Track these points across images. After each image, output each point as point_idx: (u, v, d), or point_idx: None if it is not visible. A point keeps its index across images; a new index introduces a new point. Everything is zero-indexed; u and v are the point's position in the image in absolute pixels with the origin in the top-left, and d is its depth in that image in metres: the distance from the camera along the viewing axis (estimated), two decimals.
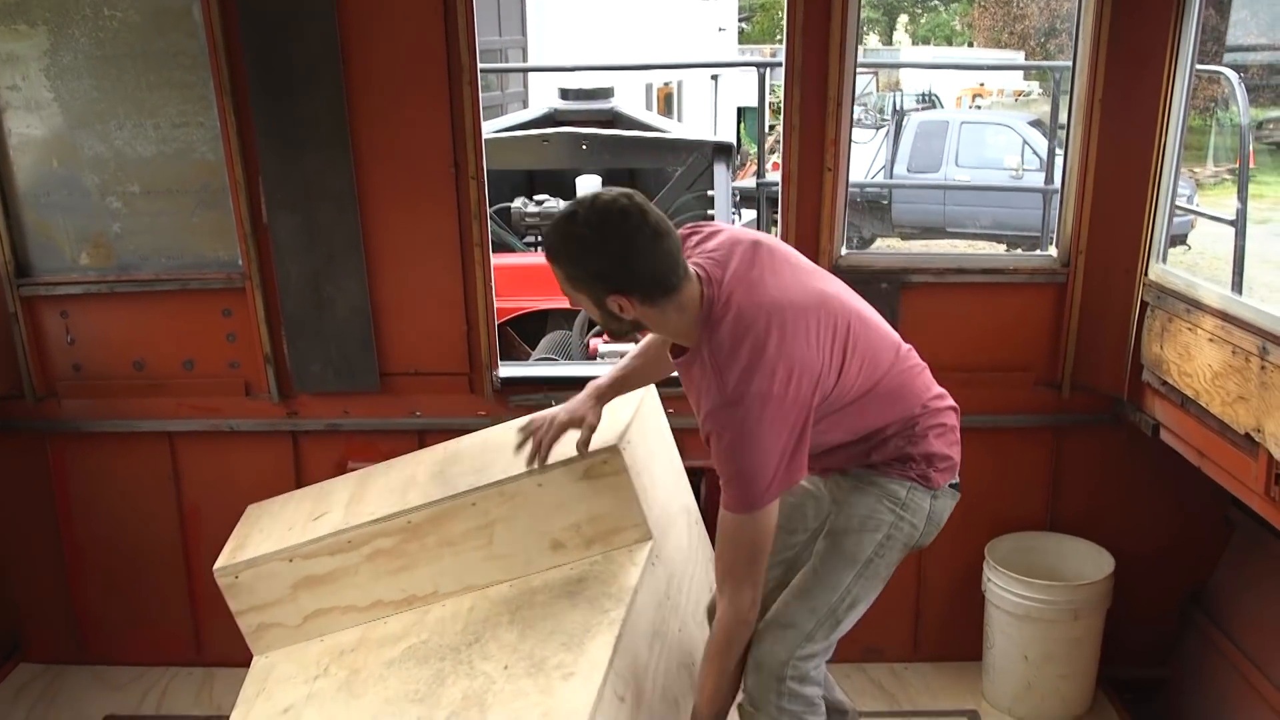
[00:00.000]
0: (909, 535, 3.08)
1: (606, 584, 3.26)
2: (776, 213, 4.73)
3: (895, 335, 3.11)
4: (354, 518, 3.51)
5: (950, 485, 3.14)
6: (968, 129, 15.67)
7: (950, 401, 3.18)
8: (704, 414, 2.78)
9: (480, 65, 3.95)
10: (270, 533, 3.67)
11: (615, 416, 3.46)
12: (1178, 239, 10.28)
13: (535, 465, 3.30)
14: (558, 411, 3.34)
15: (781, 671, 3.02)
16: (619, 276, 2.71)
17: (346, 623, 3.54)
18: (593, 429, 3.28)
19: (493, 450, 3.61)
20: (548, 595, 3.33)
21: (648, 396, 3.71)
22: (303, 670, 3.43)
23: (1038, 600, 4.07)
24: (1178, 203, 3.98)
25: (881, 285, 4.06)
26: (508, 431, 3.55)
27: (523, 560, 3.44)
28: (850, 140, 4.04)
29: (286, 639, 3.58)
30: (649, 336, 3.36)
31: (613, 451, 3.32)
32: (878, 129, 16.92)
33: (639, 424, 3.55)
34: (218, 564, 3.60)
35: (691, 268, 2.81)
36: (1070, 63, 4.07)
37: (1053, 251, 4.18)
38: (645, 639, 3.22)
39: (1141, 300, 3.99)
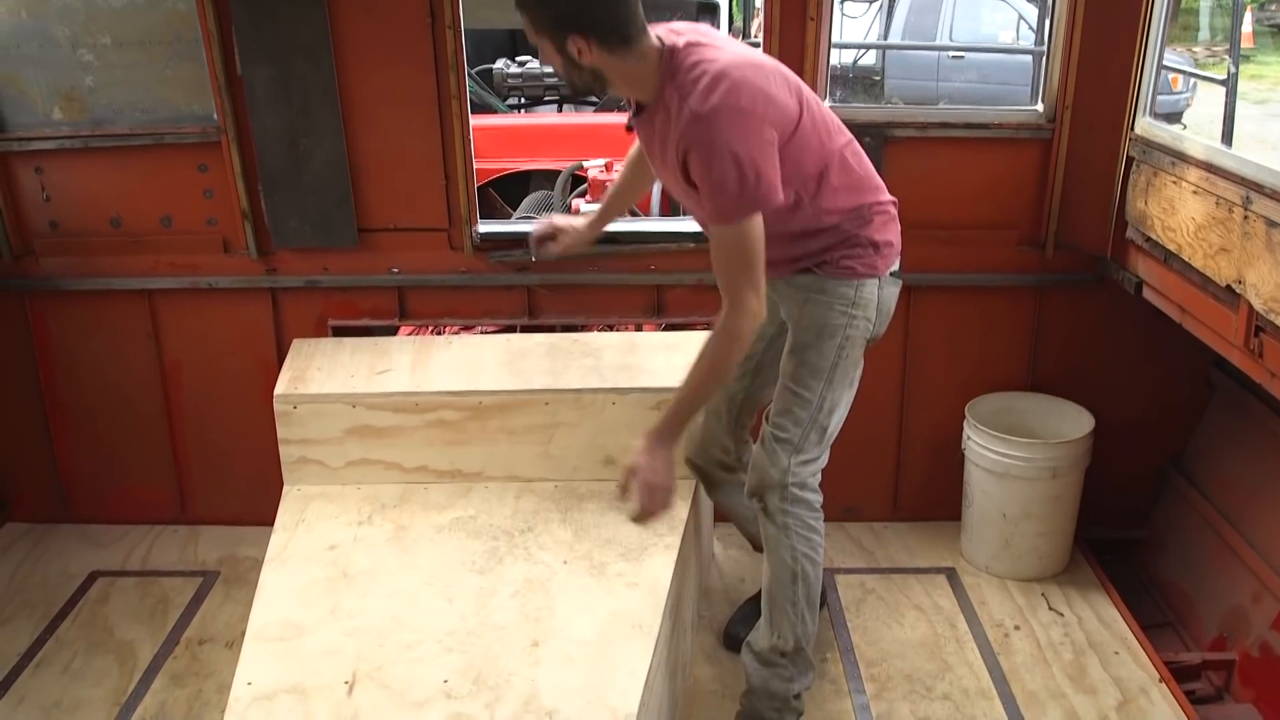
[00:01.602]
0: (864, 329, 3.24)
1: None
2: None
3: (844, 128, 3.24)
4: (423, 383, 3.73)
5: (892, 273, 3.29)
6: (962, 3, 15.38)
7: (891, 196, 3.32)
8: (674, 140, 2.91)
9: None
10: (331, 374, 3.85)
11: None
12: (1173, 117, 10.16)
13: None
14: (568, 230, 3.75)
15: (783, 479, 3.25)
16: (578, 16, 2.85)
17: (386, 478, 3.75)
18: (574, 232, 3.72)
19: (562, 355, 3.94)
20: (597, 505, 3.59)
21: None
22: (344, 512, 3.60)
23: (1017, 458, 4.09)
24: (1169, 66, 3.92)
25: (865, 139, 3.98)
26: (573, 342, 3.98)
27: (572, 466, 3.72)
28: (831, 11, 3.96)
29: (323, 478, 3.76)
30: (626, 162, 3.66)
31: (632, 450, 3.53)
32: (871, 2, 16.63)
33: None
34: (278, 390, 3.77)
35: (654, 35, 2.99)
36: None
37: (1039, 107, 4.12)
38: (683, 567, 3.43)
39: (1127, 156, 3.95)
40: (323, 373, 3.87)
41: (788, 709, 3.42)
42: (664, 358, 3.91)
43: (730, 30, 8.09)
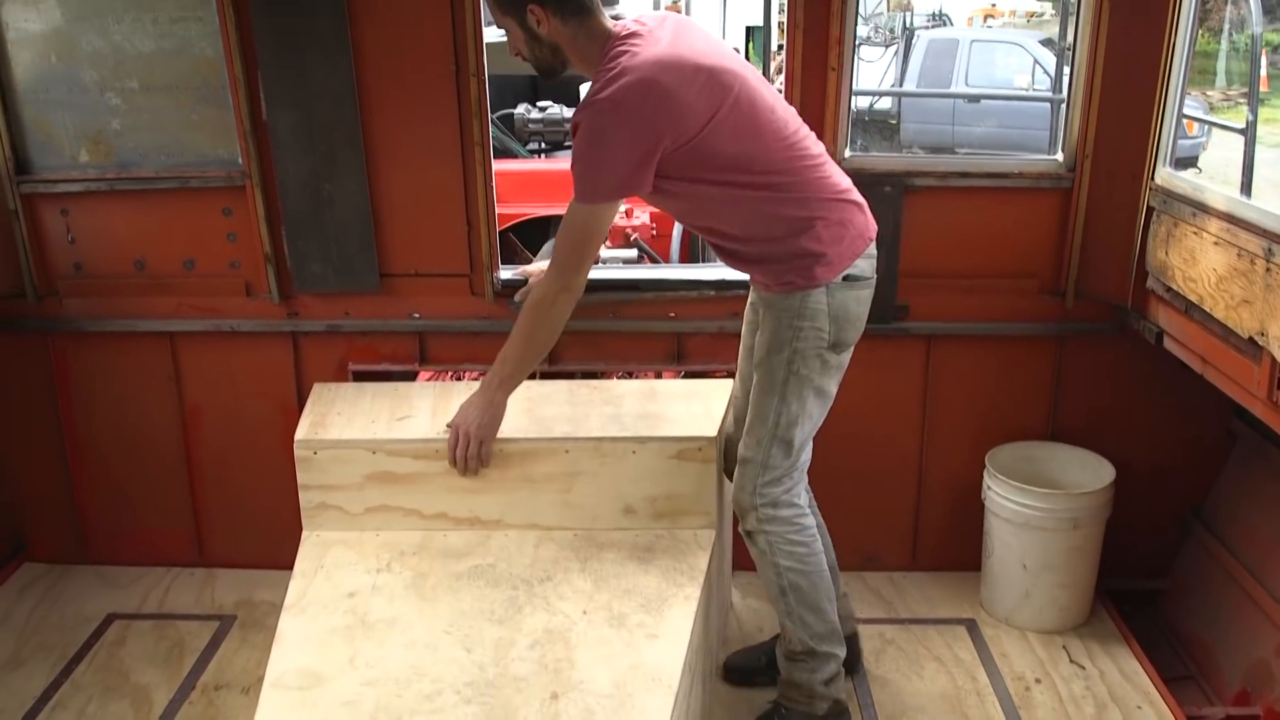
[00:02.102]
0: (817, 339, 3.28)
1: (677, 560, 3.51)
2: None
3: (801, 134, 3.30)
4: (443, 430, 3.69)
5: (846, 277, 3.29)
6: (978, 47, 15.45)
7: (853, 196, 3.35)
8: (573, 125, 3.17)
9: None
10: (352, 420, 3.85)
11: (712, 409, 3.82)
12: (1188, 161, 10.14)
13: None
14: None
15: (752, 501, 3.40)
16: None
17: (405, 525, 3.72)
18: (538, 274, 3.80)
19: (582, 403, 3.92)
20: (617, 555, 3.56)
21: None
22: (363, 559, 3.58)
23: (1038, 509, 4.07)
24: (1189, 115, 3.92)
25: (885, 189, 4.02)
26: (593, 389, 4.00)
27: (591, 515, 3.70)
28: (855, 39, 3.99)
29: (342, 524, 3.73)
30: None
31: (709, 441, 3.64)
32: (887, 47, 16.71)
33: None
34: (299, 435, 3.74)
35: (613, 24, 3.20)
36: None
37: (1058, 156, 4.13)
38: (703, 618, 3.42)
39: (1147, 206, 3.94)
40: (343, 418, 3.87)
41: (816, 697, 3.57)
42: (684, 406, 3.89)
43: None
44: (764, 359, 3.35)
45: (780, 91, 4.07)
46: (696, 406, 3.86)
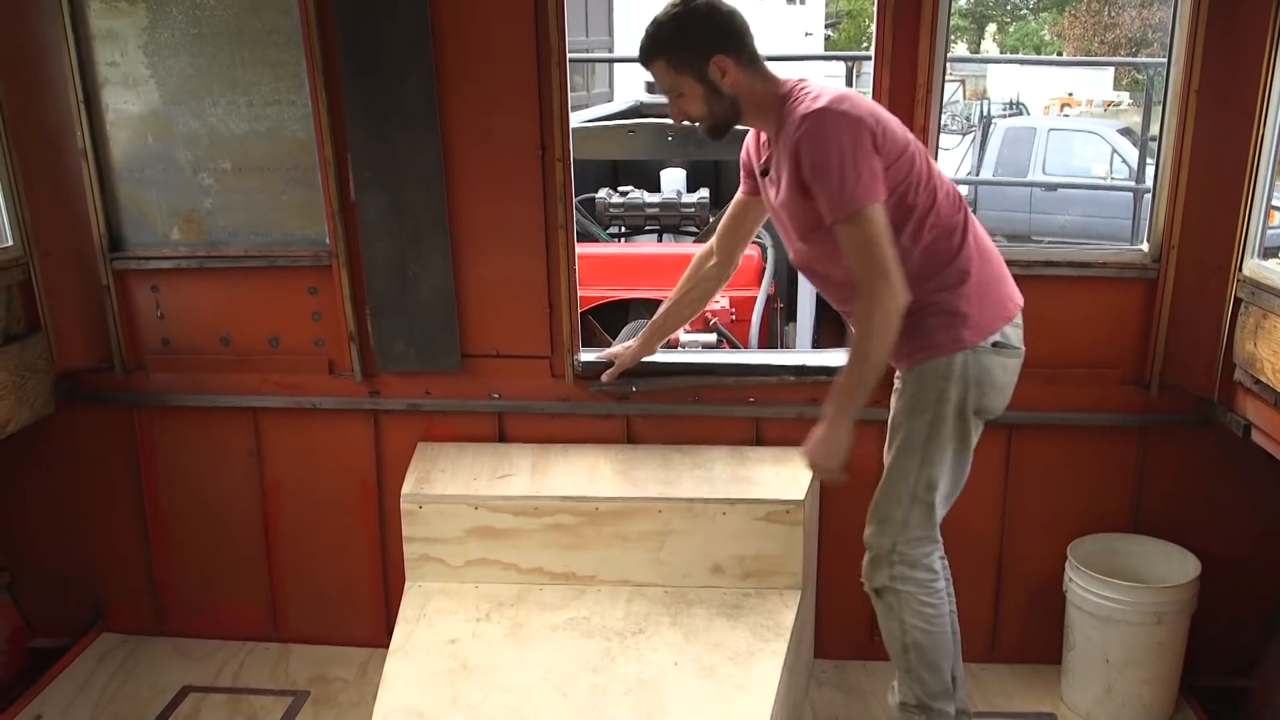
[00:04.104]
0: (959, 401, 3.32)
1: (764, 617, 3.68)
2: None
3: (956, 198, 3.39)
4: (542, 488, 3.91)
5: (993, 344, 3.35)
6: (1055, 136, 15.46)
7: (1002, 266, 3.49)
8: (789, 147, 3.16)
9: (569, 54, 3.95)
10: (455, 476, 4.04)
11: (800, 477, 3.92)
12: (1275, 250, 10.01)
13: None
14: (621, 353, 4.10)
15: (891, 558, 3.44)
16: (716, 38, 3.20)
17: (503, 578, 3.92)
18: (626, 353, 4.09)
19: (675, 466, 4.07)
20: (706, 611, 3.75)
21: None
22: (463, 609, 3.79)
23: (1121, 602, 3.99)
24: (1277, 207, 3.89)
25: None
26: (685, 453, 4.14)
27: (681, 572, 3.86)
28: (939, 127, 4.00)
29: (442, 575, 3.94)
30: (683, 277, 4.02)
31: (797, 504, 3.81)
32: (964, 135, 16.76)
33: (813, 492, 4.02)
34: (405, 489, 3.97)
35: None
36: (1165, 58, 4.00)
37: (1144, 246, 4.10)
38: (789, 674, 3.55)
39: (1235, 297, 3.90)
40: (446, 474, 4.03)
41: None
42: (773, 470, 4.01)
43: None
44: (903, 422, 3.40)
45: None
46: (785, 471, 3.96)
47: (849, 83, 8.46)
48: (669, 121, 6.84)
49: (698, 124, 3.35)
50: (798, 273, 6.01)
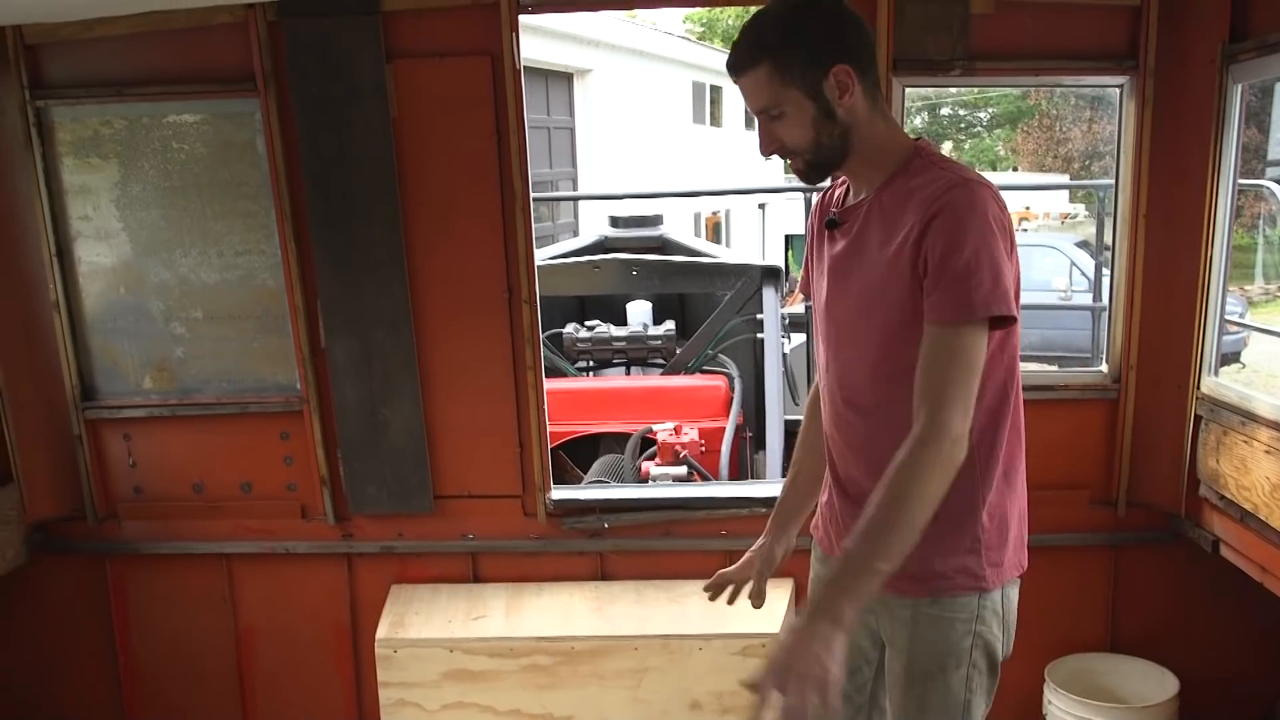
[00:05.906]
0: (992, 649, 2.61)
1: None
2: None
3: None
4: (517, 629, 3.91)
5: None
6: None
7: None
8: (915, 209, 2.37)
9: (532, 194, 4.04)
10: (429, 619, 4.02)
11: (775, 607, 3.75)
12: (1231, 357, 10.21)
13: (757, 602, 2.99)
14: (749, 560, 3.00)
15: None
16: (841, 45, 2.40)
17: None
18: (765, 557, 2.97)
19: (649, 602, 4.06)
20: None
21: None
22: None
23: None
24: (1228, 319, 3.96)
25: None
26: (659, 589, 4.07)
27: (660, 710, 3.85)
28: None
29: None
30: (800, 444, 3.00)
31: (775, 638, 3.63)
32: None
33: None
34: (380, 634, 3.95)
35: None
36: (1113, 180, 4.11)
37: (1103, 368, 4.17)
38: None
39: (1195, 414, 3.96)
40: (420, 617, 4.02)
41: None
42: (748, 603, 3.90)
43: (791, 293, 8.22)
44: (936, 675, 2.57)
45: None
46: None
47: (808, 217, 8.54)
48: (634, 257, 7.01)
49: (791, 158, 2.51)
50: (765, 400, 6.12)
